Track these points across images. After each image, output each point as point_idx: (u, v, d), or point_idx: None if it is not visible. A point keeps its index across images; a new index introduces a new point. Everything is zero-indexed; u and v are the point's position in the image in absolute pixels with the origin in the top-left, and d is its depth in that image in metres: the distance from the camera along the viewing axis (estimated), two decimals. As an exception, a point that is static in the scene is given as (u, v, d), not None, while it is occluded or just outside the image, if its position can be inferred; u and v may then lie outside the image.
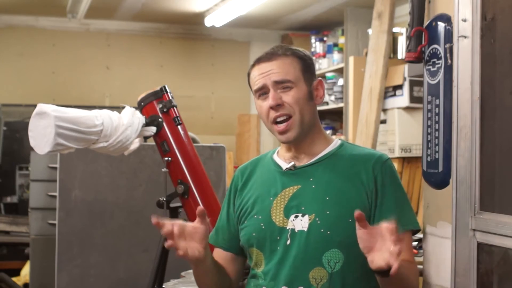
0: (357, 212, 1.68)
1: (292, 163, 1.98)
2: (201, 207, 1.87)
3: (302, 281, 1.88)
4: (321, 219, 1.89)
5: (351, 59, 5.16)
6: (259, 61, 1.99)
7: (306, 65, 1.99)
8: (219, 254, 2.07)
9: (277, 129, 1.95)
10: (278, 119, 1.94)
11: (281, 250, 1.92)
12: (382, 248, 1.67)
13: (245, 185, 2.06)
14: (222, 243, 2.09)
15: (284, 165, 1.99)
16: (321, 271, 1.87)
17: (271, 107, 1.94)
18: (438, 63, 2.00)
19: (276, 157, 2.04)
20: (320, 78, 2.05)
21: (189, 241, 1.84)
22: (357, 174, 1.93)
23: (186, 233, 1.84)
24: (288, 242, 1.91)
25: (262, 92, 1.97)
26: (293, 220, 1.92)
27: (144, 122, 2.54)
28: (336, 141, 2.03)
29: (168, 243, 1.81)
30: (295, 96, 1.94)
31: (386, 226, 1.67)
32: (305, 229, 1.90)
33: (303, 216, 1.91)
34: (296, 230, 1.91)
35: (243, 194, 2.05)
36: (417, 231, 1.95)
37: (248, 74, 2.03)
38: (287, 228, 1.92)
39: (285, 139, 1.96)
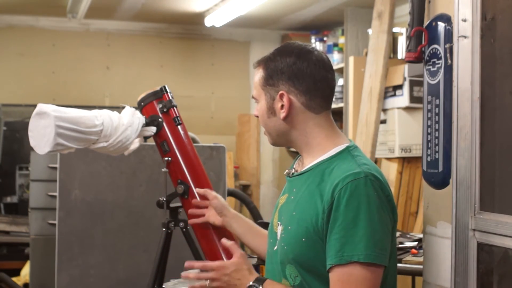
0: None
1: (287, 171, 2.02)
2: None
3: None
4: (285, 233, 1.88)
5: (351, 59, 5.16)
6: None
7: (269, 75, 1.90)
8: None
9: None
10: None
11: (268, 255, 2.00)
12: None
13: None
14: None
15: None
16: (286, 282, 1.88)
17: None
18: (438, 63, 2.00)
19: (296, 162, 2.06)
20: (282, 91, 1.88)
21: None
22: (323, 192, 1.81)
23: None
24: (275, 248, 1.94)
25: None
26: (278, 227, 1.95)
27: (144, 122, 2.54)
28: (335, 149, 1.89)
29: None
30: (258, 113, 2.00)
31: None
32: (279, 239, 1.92)
33: (280, 226, 1.93)
34: (278, 238, 1.93)
35: None
36: (373, 264, 1.70)
37: None
38: (277, 234, 1.95)
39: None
